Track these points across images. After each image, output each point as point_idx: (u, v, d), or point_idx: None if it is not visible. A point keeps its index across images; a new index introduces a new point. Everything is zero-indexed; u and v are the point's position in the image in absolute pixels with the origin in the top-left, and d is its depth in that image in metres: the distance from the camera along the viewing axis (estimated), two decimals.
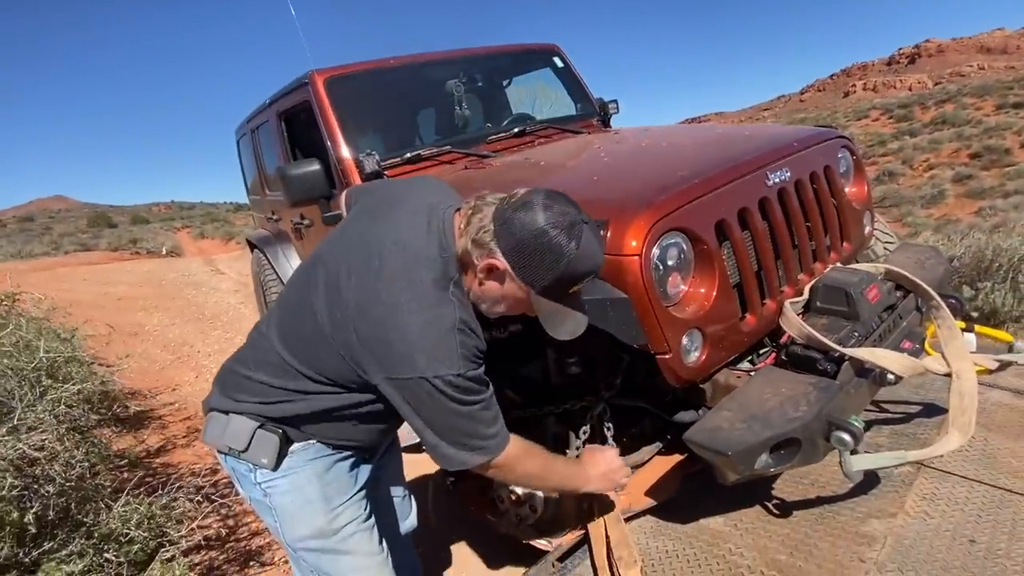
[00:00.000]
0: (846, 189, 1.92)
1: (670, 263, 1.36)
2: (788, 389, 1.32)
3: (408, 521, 1.45)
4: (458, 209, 1.01)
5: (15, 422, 1.57)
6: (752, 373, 1.47)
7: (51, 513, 1.64)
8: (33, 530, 1.59)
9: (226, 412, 1.05)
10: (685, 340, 1.35)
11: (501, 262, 0.91)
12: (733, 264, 1.49)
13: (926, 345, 1.62)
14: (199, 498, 1.97)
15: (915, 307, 1.68)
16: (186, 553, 2.21)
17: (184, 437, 3.44)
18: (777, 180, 1.58)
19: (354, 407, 1.03)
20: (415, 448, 2.55)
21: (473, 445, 0.98)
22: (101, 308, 7.51)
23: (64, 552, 1.49)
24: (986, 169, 15.40)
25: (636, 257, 1.27)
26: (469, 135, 2.58)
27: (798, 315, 1.52)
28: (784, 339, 1.58)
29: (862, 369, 1.41)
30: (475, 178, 2.04)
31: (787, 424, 1.20)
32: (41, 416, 1.69)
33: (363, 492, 1.16)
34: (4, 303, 2.29)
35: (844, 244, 1.84)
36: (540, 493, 1.63)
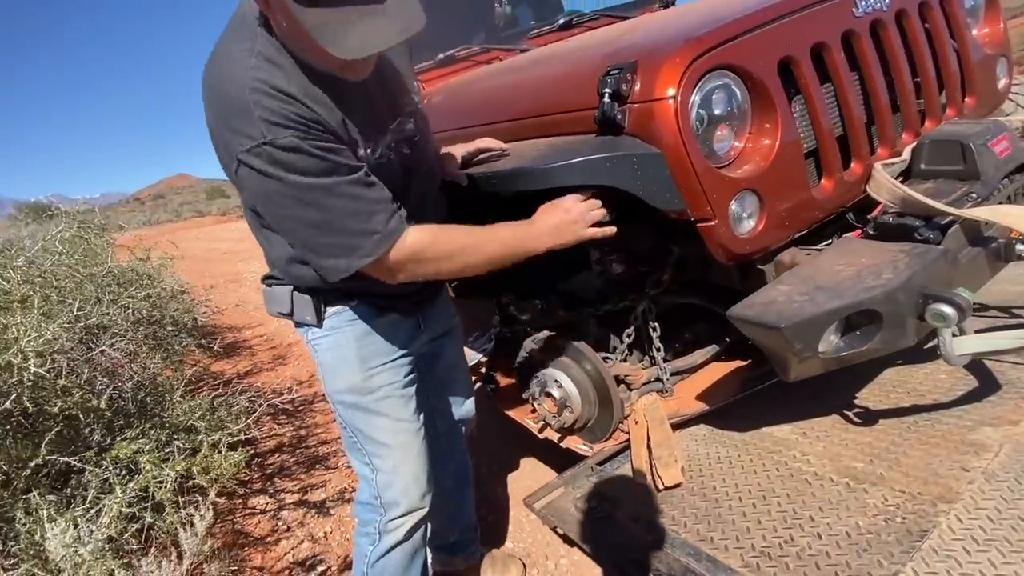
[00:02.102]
0: (973, 30, 1.50)
1: (717, 111, 1.12)
2: (870, 258, 1.06)
3: (463, 407, 1.41)
4: None
5: (88, 321, 1.73)
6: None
7: (131, 406, 1.81)
8: (119, 420, 1.76)
9: (269, 284, 1.10)
10: (734, 205, 1.12)
11: None
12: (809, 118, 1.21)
13: None
14: (262, 401, 2.09)
15: None
16: (261, 455, 2.41)
17: (269, 363, 3.75)
18: (869, 8, 1.24)
19: None
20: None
21: (343, 245, 0.84)
22: (208, 260, 8.37)
23: (138, 437, 1.63)
24: None
25: (670, 102, 1.05)
26: (510, 32, 2.36)
27: (895, 179, 1.22)
28: (875, 213, 1.28)
29: (979, 237, 1.10)
30: (504, 64, 1.86)
31: (862, 293, 0.96)
32: (114, 319, 1.85)
33: (406, 360, 1.12)
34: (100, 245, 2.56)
35: (966, 99, 1.45)
36: (576, 395, 1.51)
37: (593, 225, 1.03)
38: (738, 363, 1.59)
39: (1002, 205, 1.11)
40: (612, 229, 1.04)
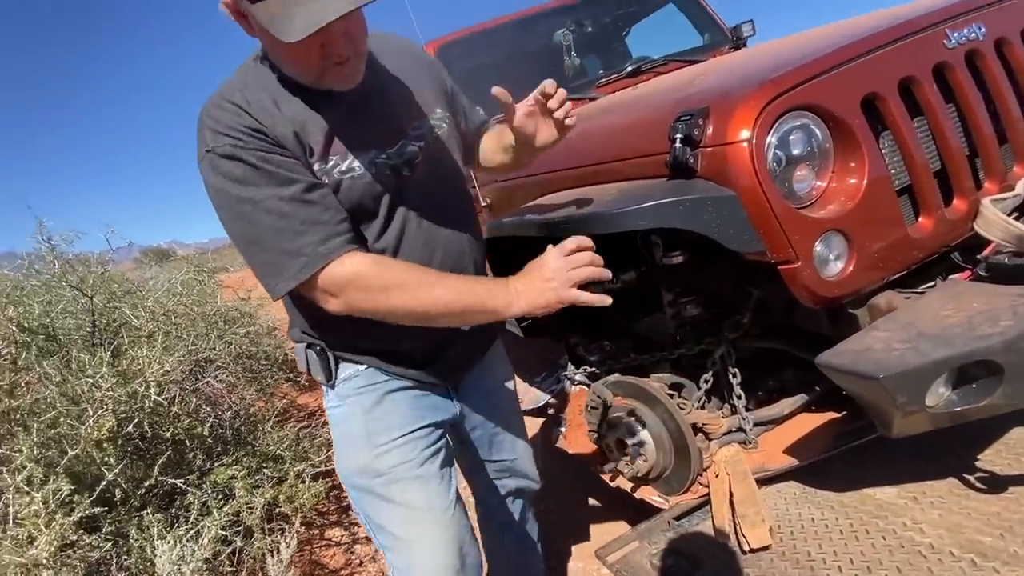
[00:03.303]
0: None
1: (795, 151, 1.09)
2: (983, 303, 0.96)
3: (520, 470, 1.23)
4: None
5: (199, 356, 1.93)
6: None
7: (228, 434, 1.97)
8: (217, 447, 1.92)
9: (295, 340, 1.02)
10: (820, 246, 1.07)
11: None
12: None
13: None
14: None
15: None
16: (337, 487, 2.50)
17: None
18: (963, 40, 1.17)
19: None
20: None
21: (269, 266, 0.79)
22: None
23: (232, 463, 1.77)
24: None
25: (745, 144, 1.04)
26: (579, 82, 2.46)
27: (1008, 215, 1.11)
28: (987, 252, 1.17)
29: None
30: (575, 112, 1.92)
31: (976, 342, 0.87)
32: (219, 353, 2.05)
33: (425, 432, 0.98)
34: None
35: None
36: (649, 441, 1.46)
37: (585, 287, 0.83)
38: (831, 414, 1.47)
39: None
40: (606, 299, 0.83)
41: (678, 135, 1.12)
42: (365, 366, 0.96)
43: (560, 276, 0.82)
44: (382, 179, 0.89)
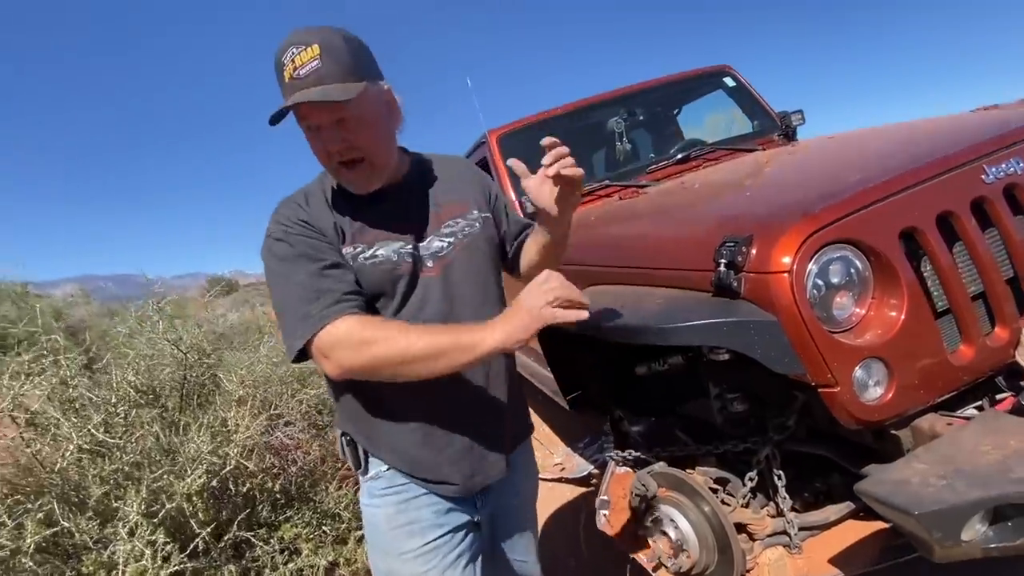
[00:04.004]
0: None
1: (835, 280, 1.17)
2: (1019, 441, 1.00)
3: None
4: None
5: (271, 412, 2.12)
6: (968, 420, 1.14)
7: (293, 489, 2.13)
8: (281, 499, 2.08)
9: (337, 427, 1.11)
10: (859, 372, 1.13)
11: None
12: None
13: None
14: None
15: None
16: None
17: None
18: (1001, 175, 1.24)
19: None
20: (576, 480, 2.56)
21: (288, 328, 0.92)
22: None
23: (296, 518, 1.92)
24: None
25: (785, 275, 1.14)
26: (630, 168, 2.62)
27: None
28: None
29: None
30: (624, 206, 2.07)
31: (1008, 486, 0.90)
32: (292, 412, 2.24)
33: (446, 538, 1.03)
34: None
35: None
36: (692, 537, 1.50)
37: (562, 306, 0.88)
38: (878, 524, 1.46)
39: None
40: (582, 314, 0.89)
41: (722, 260, 1.23)
42: (387, 467, 1.03)
43: (534, 298, 0.88)
44: (403, 266, 1.01)
